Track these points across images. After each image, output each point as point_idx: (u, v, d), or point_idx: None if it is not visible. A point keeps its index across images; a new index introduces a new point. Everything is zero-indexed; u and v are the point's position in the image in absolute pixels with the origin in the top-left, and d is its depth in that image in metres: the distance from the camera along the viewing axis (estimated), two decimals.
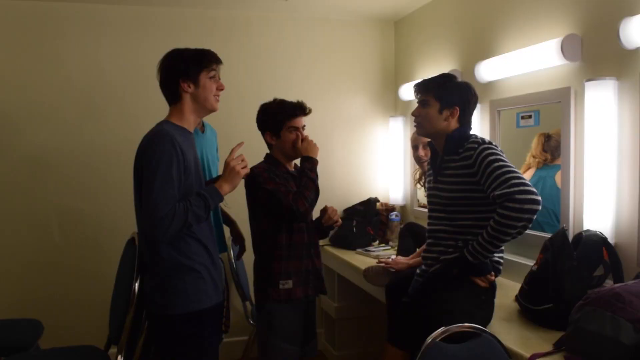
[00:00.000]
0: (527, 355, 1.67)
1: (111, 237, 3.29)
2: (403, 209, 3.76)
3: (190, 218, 1.76)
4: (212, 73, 1.92)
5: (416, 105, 2.10)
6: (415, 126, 2.11)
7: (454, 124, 2.01)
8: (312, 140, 2.31)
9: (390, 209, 3.65)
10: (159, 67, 1.93)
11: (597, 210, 2.08)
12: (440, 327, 1.68)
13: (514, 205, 1.74)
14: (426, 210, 3.42)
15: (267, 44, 3.63)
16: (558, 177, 2.42)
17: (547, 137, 2.54)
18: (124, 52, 3.37)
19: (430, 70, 3.35)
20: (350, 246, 3.38)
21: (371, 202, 3.59)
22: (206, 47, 1.99)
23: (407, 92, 3.53)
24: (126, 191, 3.26)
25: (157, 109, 2.08)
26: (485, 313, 1.93)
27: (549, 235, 2.22)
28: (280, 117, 2.28)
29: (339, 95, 3.79)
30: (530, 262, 2.38)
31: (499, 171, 1.81)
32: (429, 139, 2.42)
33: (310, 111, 2.31)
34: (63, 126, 3.28)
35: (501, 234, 1.79)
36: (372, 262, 3.05)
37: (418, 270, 2.15)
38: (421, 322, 1.92)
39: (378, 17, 3.79)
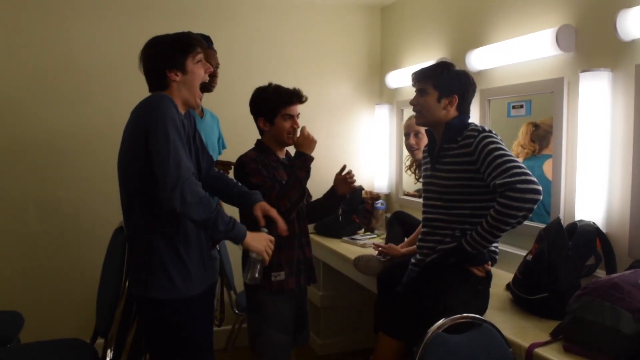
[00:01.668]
0: (526, 344, 1.68)
1: (92, 225, 3.20)
2: (388, 197, 3.76)
3: (213, 214, 1.70)
4: (199, 57, 1.83)
5: (405, 93, 2.08)
6: (414, 115, 2.09)
7: (452, 112, 2.00)
8: (309, 134, 2.23)
9: (375, 197, 3.64)
10: (141, 58, 1.83)
11: (589, 201, 2.10)
12: (436, 317, 1.68)
13: (515, 195, 1.73)
14: (411, 198, 3.49)
15: (249, 28, 3.54)
16: (545, 167, 2.44)
17: (535, 127, 2.55)
18: (101, 36, 3.23)
19: (418, 58, 3.33)
20: (336, 235, 3.37)
21: (357, 191, 3.57)
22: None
23: (394, 79, 3.51)
24: (106, 177, 3.20)
25: (136, 92, 1.96)
26: (481, 302, 1.94)
27: (536, 225, 2.25)
28: (275, 104, 2.22)
29: (323, 82, 3.74)
30: (518, 252, 2.41)
31: (500, 160, 1.80)
32: (422, 128, 2.41)
33: (306, 99, 2.27)
34: (36, 112, 3.13)
35: (501, 224, 1.78)
36: (359, 250, 3.05)
37: (413, 260, 2.13)
38: (417, 312, 1.92)
39: (364, 3, 3.74)
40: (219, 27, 3.44)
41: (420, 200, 3.32)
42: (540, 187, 1.75)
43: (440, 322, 1.63)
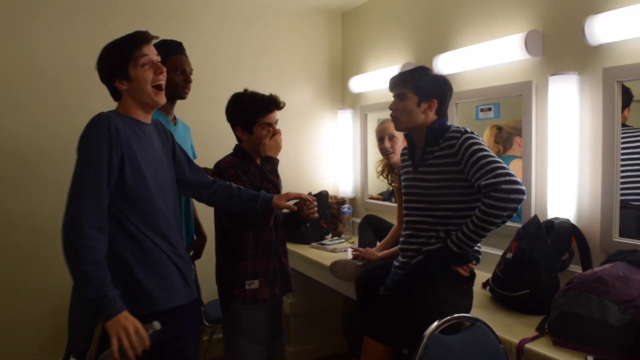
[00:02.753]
0: (515, 341, 1.72)
1: (51, 239, 2.99)
2: (353, 201, 3.77)
3: (83, 270, 1.57)
4: (142, 60, 1.71)
5: (369, 97, 2.08)
6: (392, 120, 2.10)
7: (431, 116, 2.02)
8: (280, 141, 2.26)
9: (340, 201, 3.64)
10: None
11: (560, 199, 2.18)
12: (425, 318, 1.70)
13: (500, 195, 1.77)
14: (377, 201, 3.51)
15: (208, 32, 3.46)
16: (511, 168, 2.51)
17: (498, 129, 2.64)
18: (64, 40, 3.07)
19: (383, 62, 3.36)
20: (304, 241, 3.35)
21: (323, 196, 3.56)
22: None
23: (357, 84, 3.53)
24: (64, 189, 3.01)
25: (100, 98, 1.89)
26: (466, 302, 1.97)
27: (508, 225, 2.30)
28: (252, 114, 2.18)
29: (285, 87, 3.70)
30: (491, 251, 2.46)
31: (484, 161, 1.83)
32: (396, 132, 2.43)
33: (284, 104, 2.24)
34: None
35: (487, 224, 1.81)
36: (329, 255, 3.04)
37: (396, 263, 2.14)
38: (405, 314, 1.92)
39: (324, 9, 3.75)
40: (181, 32, 3.32)
41: (386, 203, 3.41)
42: (523, 187, 1.80)
43: (436, 323, 1.64)
